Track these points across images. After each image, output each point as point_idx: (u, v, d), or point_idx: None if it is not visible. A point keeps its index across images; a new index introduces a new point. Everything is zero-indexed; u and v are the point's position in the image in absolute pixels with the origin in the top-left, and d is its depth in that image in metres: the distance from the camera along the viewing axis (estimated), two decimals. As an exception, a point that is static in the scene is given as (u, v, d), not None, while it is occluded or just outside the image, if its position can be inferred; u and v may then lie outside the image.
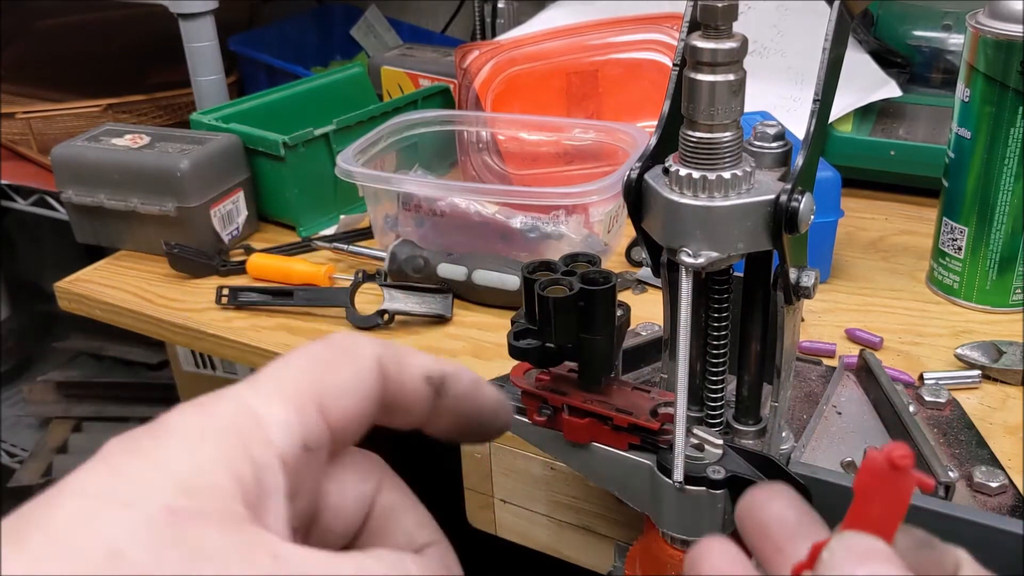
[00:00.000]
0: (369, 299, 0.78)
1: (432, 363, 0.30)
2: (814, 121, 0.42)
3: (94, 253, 0.95)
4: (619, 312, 0.45)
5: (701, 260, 0.41)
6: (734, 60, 0.39)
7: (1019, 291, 0.73)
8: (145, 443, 0.24)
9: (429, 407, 0.30)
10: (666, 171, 0.42)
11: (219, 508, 0.23)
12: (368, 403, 0.28)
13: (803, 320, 0.72)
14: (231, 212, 0.91)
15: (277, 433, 0.25)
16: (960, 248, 0.74)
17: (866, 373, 0.57)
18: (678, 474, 0.43)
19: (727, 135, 0.41)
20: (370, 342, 0.29)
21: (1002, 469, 0.50)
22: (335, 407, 0.27)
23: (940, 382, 0.63)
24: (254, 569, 0.22)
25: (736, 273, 0.47)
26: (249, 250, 0.89)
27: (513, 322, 0.46)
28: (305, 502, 0.27)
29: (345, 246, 0.86)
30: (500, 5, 1.24)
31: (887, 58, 0.97)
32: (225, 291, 0.81)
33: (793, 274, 0.43)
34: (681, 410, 0.43)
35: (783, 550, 0.27)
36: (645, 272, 0.80)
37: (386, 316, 0.76)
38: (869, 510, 0.23)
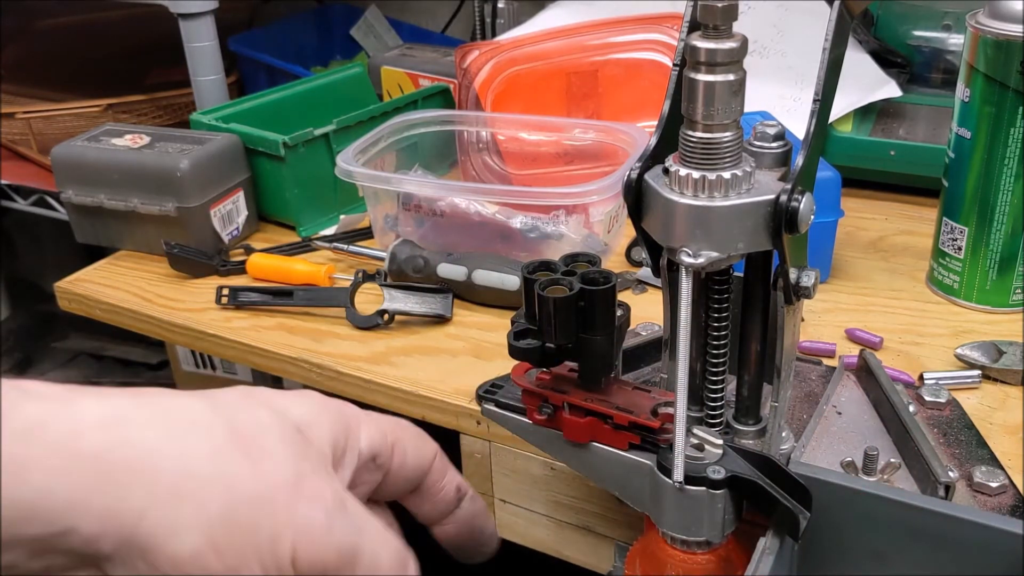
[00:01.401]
0: (369, 299, 0.78)
1: (465, 483, 0.38)
2: (814, 121, 0.42)
3: (94, 253, 0.95)
4: (619, 312, 0.45)
5: (701, 260, 0.41)
6: (734, 60, 0.39)
7: (1019, 291, 0.73)
8: (276, 395, 0.33)
9: (449, 511, 0.37)
10: (666, 171, 0.42)
11: (317, 437, 0.31)
12: (418, 473, 0.36)
13: (803, 320, 0.72)
14: (231, 212, 0.91)
15: (365, 434, 0.33)
16: (960, 248, 0.74)
17: (866, 373, 0.57)
18: (678, 474, 0.43)
19: (727, 135, 0.41)
20: (436, 444, 0.38)
21: (1002, 469, 0.50)
22: (400, 455, 0.35)
23: (940, 382, 0.63)
24: (326, 491, 0.29)
25: (736, 273, 0.47)
26: (249, 250, 0.89)
27: (513, 322, 0.46)
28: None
29: (345, 246, 0.86)
30: (500, 5, 1.24)
31: (887, 58, 0.97)
32: (225, 291, 0.81)
33: (793, 274, 0.43)
34: (681, 410, 0.43)
35: None
36: (645, 272, 0.80)
37: (386, 316, 0.76)
38: None
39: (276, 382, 1.21)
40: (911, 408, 0.53)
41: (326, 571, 0.29)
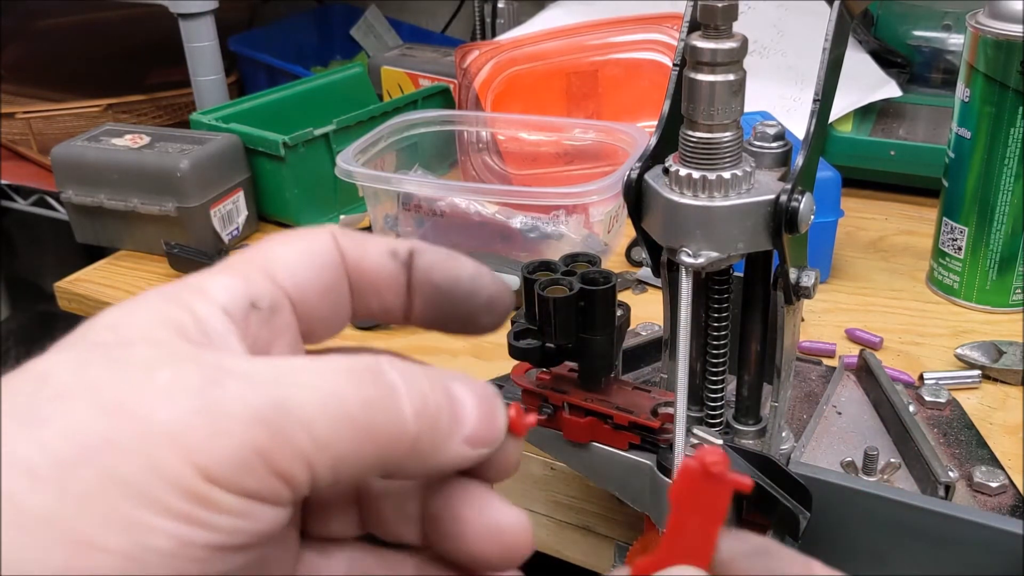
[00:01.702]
0: (369, 299, 0.78)
1: (398, 241, 0.28)
2: (814, 121, 0.42)
3: (94, 253, 0.95)
4: (619, 312, 0.45)
5: (701, 260, 0.41)
6: (734, 60, 0.39)
7: (1019, 291, 0.73)
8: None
9: (400, 285, 0.27)
10: (666, 171, 0.42)
11: (150, 337, 0.22)
12: (324, 272, 0.26)
13: (803, 320, 0.72)
14: (231, 212, 0.91)
15: (217, 292, 0.24)
16: (960, 248, 0.74)
17: (866, 373, 0.57)
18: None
19: (727, 135, 0.41)
20: (328, 227, 0.27)
21: (1002, 469, 0.50)
22: (285, 271, 0.26)
23: (940, 382, 0.63)
24: (198, 372, 0.21)
25: (736, 273, 0.47)
26: (249, 250, 0.88)
27: (513, 322, 0.46)
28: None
29: (345, 246, 0.86)
30: (500, 5, 1.24)
31: (887, 58, 0.97)
32: (225, 291, 0.80)
33: (793, 274, 0.43)
34: (681, 410, 0.43)
35: None
36: (645, 272, 0.80)
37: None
38: (688, 520, 0.23)
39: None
40: (911, 408, 0.53)
41: (246, 458, 0.20)
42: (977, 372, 0.64)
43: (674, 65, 0.43)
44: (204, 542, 0.20)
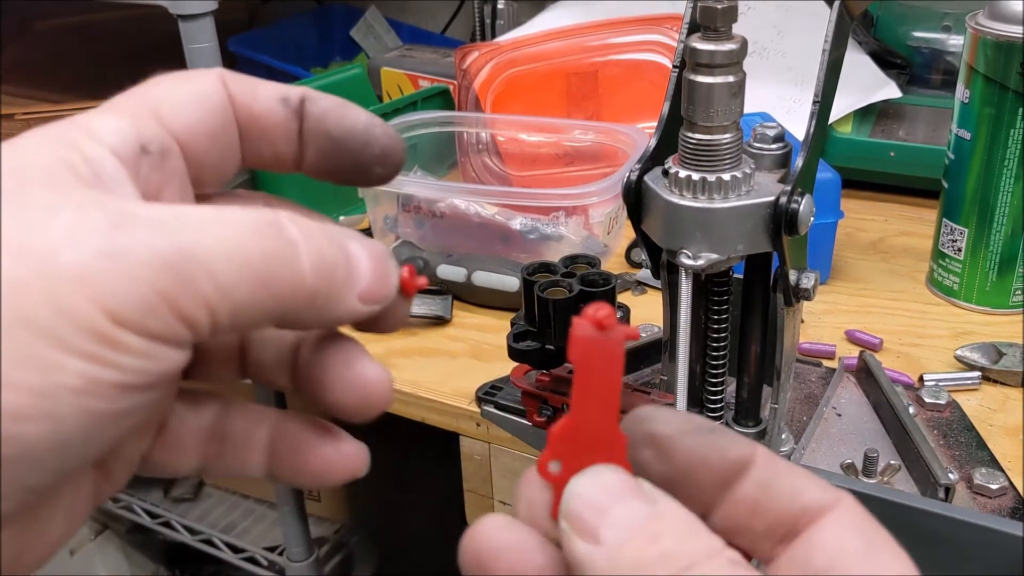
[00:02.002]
0: (369, 300, 0.78)
1: (290, 87, 0.27)
2: (814, 122, 0.42)
3: (94, 254, 0.95)
4: (619, 314, 0.45)
5: (701, 262, 0.41)
6: (733, 62, 0.39)
7: (1019, 292, 0.73)
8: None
9: (291, 132, 0.27)
10: (666, 173, 0.42)
11: (48, 180, 0.22)
12: (213, 115, 0.26)
13: (803, 321, 0.72)
14: (231, 213, 0.91)
15: (106, 134, 0.23)
16: (960, 249, 0.74)
17: (866, 375, 0.57)
18: None
19: (727, 137, 0.41)
20: (216, 68, 0.27)
21: (1002, 471, 0.50)
22: (173, 114, 0.25)
23: (940, 384, 0.63)
24: (102, 216, 0.21)
25: (736, 275, 0.47)
26: (249, 251, 0.88)
27: (513, 323, 0.46)
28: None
29: (345, 247, 0.86)
30: (500, 6, 1.24)
31: (887, 59, 0.97)
32: (225, 292, 0.80)
33: (793, 276, 0.43)
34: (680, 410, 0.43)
35: None
36: (645, 274, 0.80)
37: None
38: (591, 378, 0.23)
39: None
40: (911, 410, 0.53)
41: (152, 301, 0.20)
42: (977, 374, 0.64)
43: (674, 66, 0.43)
44: (112, 381, 0.20)
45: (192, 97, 0.26)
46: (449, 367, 0.70)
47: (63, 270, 0.20)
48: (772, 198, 0.40)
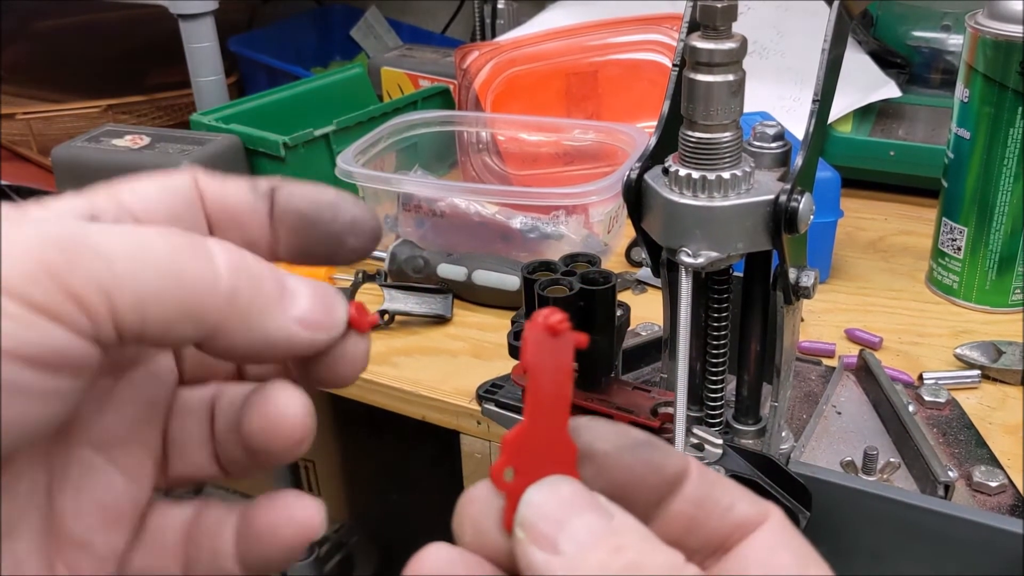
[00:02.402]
0: (369, 299, 0.79)
1: (259, 180, 0.27)
2: (813, 121, 0.42)
3: (94, 254, 0.95)
4: (619, 312, 0.45)
5: (701, 260, 0.41)
6: (733, 60, 0.40)
7: (1018, 291, 0.73)
8: None
9: (262, 216, 0.27)
10: (666, 171, 0.42)
11: None
12: (175, 199, 0.26)
13: (803, 320, 0.72)
14: (231, 213, 0.91)
15: (60, 204, 0.24)
16: (959, 248, 0.74)
17: (866, 373, 0.57)
18: None
19: (726, 135, 0.41)
20: (190, 169, 0.27)
21: (1001, 469, 0.50)
22: (134, 197, 0.25)
23: (939, 382, 0.63)
24: (12, 214, 0.22)
25: (736, 273, 0.47)
26: (249, 251, 0.88)
27: (513, 322, 0.46)
28: None
29: (345, 247, 0.86)
30: (500, 6, 1.24)
31: (886, 58, 0.98)
32: (225, 291, 0.80)
33: (793, 274, 0.43)
34: (681, 409, 0.43)
35: None
36: (645, 272, 0.80)
37: (386, 316, 0.76)
38: (543, 384, 0.23)
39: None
40: (911, 408, 0.53)
41: (34, 272, 0.21)
42: (976, 372, 0.64)
43: (674, 65, 0.44)
44: None
45: (156, 185, 0.26)
46: (450, 365, 0.71)
47: None
48: (772, 196, 0.41)
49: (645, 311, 0.71)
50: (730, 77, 0.40)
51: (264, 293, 0.24)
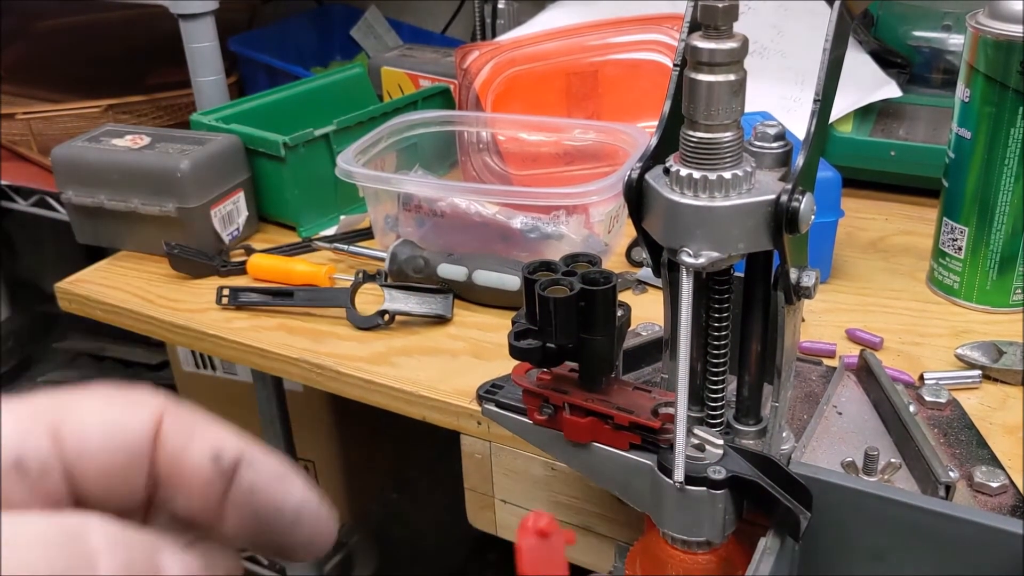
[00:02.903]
0: (369, 299, 0.79)
1: (230, 442, 0.24)
2: (814, 121, 0.42)
3: (94, 253, 0.95)
4: (619, 312, 0.45)
5: (702, 260, 0.41)
6: (734, 60, 0.39)
7: (1019, 291, 0.73)
8: None
9: (214, 494, 0.24)
10: (667, 171, 0.42)
11: None
12: (118, 453, 0.23)
13: (803, 320, 0.72)
14: (231, 212, 0.91)
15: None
16: (960, 248, 0.74)
17: (866, 373, 0.57)
18: (679, 474, 0.43)
19: (727, 135, 0.41)
20: (163, 399, 0.24)
21: (1002, 469, 0.50)
22: (73, 438, 0.23)
23: (940, 382, 0.63)
24: None
25: (737, 273, 0.47)
26: (249, 250, 0.89)
27: (514, 322, 0.46)
28: None
29: (345, 246, 0.86)
30: (500, 5, 1.24)
31: (887, 58, 0.97)
32: (225, 291, 0.81)
33: (793, 274, 0.43)
34: (682, 410, 0.43)
35: None
36: (645, 272, 0.80)
37: (386, 316, 0.76)
38: None
39: (276, 382, 1.21)
40: (911, 408, 0.53)
41: None
42: (977, 372, 0.64)
43: (674, 65, 0.43)
44: None
45: (105, 427, 0.23)
46: (450, 366, 0.71)
47: None
48: (773, 196, 0.41)
49: (645, 311, 0.71)
50: (731, 77, 0.40)
51: None
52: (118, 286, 0.88)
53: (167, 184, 0.86)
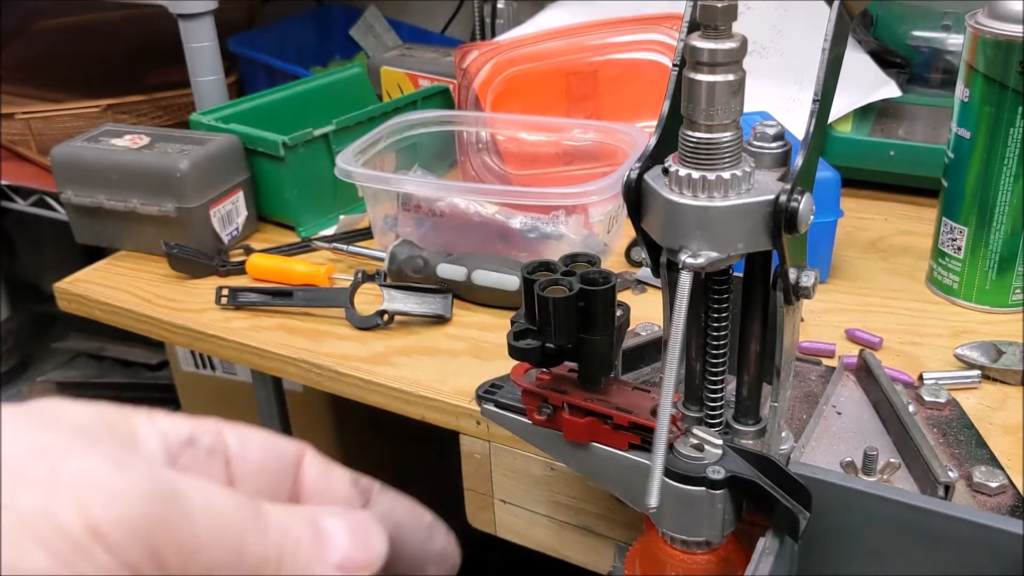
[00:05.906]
0: (369, 299, 0.78)
1: (362, 477, 0.28)
2: (813, 121, 0.42)
3: (94, 253, 0.95)
4: (619, 312, 0.45)
5: (701, 260, 0.41)
6: (733, 60, 0.39)
7: (1018, 291, 0.73)
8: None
9: (356, 507, 0.27)
10: (666, 171, 0.42)
11: (81, 424, 0.23)
12: (271, 454, 0.27)
13: (803, 320, 0.72)
14: (231, 212, 0.91)
15: (165, 421, 0.25)
16: (960, 248, 0.74)
17: (866, 373, 0.57)
18: (652, 499, 0.40)
19: (726, 135, 0.41)
20: (304, 444, 0.28)
21: (1002, 469, 0.50)
22: (235, 436, 0.26)
23: (940, 382, 0.63)
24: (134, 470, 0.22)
25: (736, 273, 0.47)
26: (249, 250, 0.89)
27: (513, 322, 0.46)
28: None
29: (345, 246, 0.86)
30: (500, 5, 1.24)
31: (886, 58, 0.97)
32: (225, 291, 0.81)
33: (793, 274, 0.43)
34: (667, 398, 0.43)
35: None
36: (645, 272, 0.80)
37: (386, 316, 0.76)
38: None
39: (276, 382, 1.21)
40: (911, 408, 0.53)
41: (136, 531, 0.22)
42: (977, 372, 0.64)
43: (674, 65, 0.43)
44: None
45: (263, 440, 0.27)
46: (449, 366, 0.71)
47: (65, 475, 0.21)
48: (772, 196, 0.41)
49: (645, 311, 0.71)
50: (730, 77, 0.40)
51: (303, 548, 0.24)
52: (117, 286, 0.88)
53: (166, 184, 0.86)
